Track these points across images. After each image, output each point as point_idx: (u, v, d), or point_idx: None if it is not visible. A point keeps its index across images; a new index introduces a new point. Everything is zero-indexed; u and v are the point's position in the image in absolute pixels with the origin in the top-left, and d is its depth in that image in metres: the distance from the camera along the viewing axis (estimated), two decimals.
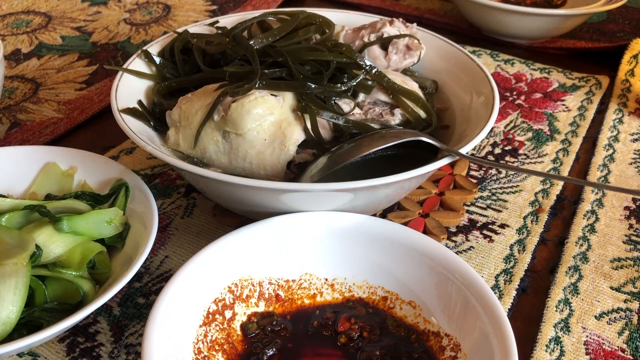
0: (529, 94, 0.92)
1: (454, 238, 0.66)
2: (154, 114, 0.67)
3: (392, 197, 0.62)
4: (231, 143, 0.59)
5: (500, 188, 0.73)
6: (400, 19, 0.74)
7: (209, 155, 0.60)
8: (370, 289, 0.55)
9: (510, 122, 0.86)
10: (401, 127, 0.64)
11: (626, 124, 0.85)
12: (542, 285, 0.61)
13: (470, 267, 0.51)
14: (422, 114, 0.65)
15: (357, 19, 0.79)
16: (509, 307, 0.59)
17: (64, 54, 1.01)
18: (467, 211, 0.69)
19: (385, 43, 0.71)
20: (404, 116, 0.64)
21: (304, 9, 0.74)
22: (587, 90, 0.93)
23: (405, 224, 0.66)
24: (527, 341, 0.55)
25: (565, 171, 0.76)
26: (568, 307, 0.58)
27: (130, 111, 0.63)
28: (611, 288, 0.60)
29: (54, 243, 0.54)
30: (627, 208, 0.70)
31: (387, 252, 0.55)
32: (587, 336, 0.56)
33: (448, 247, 0.57)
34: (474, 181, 0.73)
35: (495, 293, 0.55)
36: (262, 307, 0.54)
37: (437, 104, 0.72)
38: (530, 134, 0.83)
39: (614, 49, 1.01)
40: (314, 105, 0.60)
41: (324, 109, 0.60)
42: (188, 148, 0.61)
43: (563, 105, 0.89)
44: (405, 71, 0.72)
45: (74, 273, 0.53)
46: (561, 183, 0.74)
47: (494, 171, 0.75)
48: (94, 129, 0.84)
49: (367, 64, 0.64)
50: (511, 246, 0.65)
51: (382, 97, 0.65)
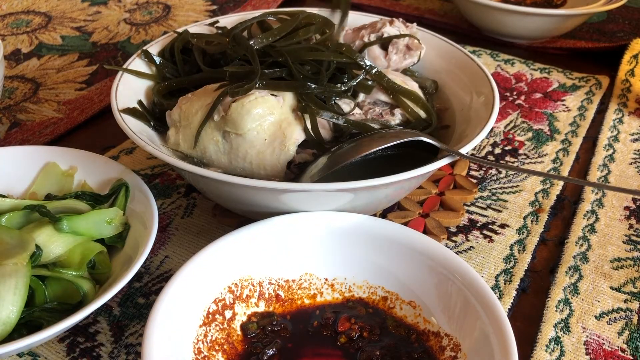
0: (529, 94, 0.92)
1: (454, 238, 0.66)
2: (154, 114, 0.67)
3: (392, 197, 0.62)
4: (231, 143, 0.59)
5: (500, 188, 0.73)
6: (400, 19, 0.74)
7: (209, 155, 0.60)
8: (370, 289, 0.55)
9: (510, 122, 0.86)
10: (401, 127, 0.64)
11: (626, 124, 0.85)
12: (542, 285, 0.61)
13: (470, 267, 0.51)
14: (422, 114, 0.65)
15: (357, 19, 0.79)
16: (509, 307, 0.59)
17: (64, 54, 1.01)
18: (467, 211, 0.69)
19: (385, 43, 0.71)
20: (404, 116, 0.64)
21: (304, 9, 0.74)
22: (587, 90, 0.93)
23: (405, 224, 0.66)
24: (527, 341, 0.55)
25: (565, 171, 0.76)
26: (568, 307, 0.58)
27: (130, 111, 0.63)
28: (611, 288, 0.60)
29: (54, 243, 0.54)
30: (627, 208, 0.70)
31: (387, 252, 0.55)
32: (587, 336, 0.56)
33: (448, 247, 0.57)
34: (474, 181, 0.73)
35: (495, 293, 0.55)
36: (262, 307, 0.54)
37: (437, 104, 0.72)
38: (530, 134, 0.83)
39: (614, 49, 1.01)
40: (314, 105, 0.60)
41: (324, 109, 0.60)
42: (188, 148, 0.61)
43: (563, 105, 0.89)
44: (405, 71, 0.72)
45: (74, 273, 0.53)
46: (561, 183, 0.74)
47: (494, 171, 0.75)
48: (94, 129, 0.84)
49: (367, 64, 0.64)
50: (511, 246, 0.65)
51: (382, 97, 0.65)
